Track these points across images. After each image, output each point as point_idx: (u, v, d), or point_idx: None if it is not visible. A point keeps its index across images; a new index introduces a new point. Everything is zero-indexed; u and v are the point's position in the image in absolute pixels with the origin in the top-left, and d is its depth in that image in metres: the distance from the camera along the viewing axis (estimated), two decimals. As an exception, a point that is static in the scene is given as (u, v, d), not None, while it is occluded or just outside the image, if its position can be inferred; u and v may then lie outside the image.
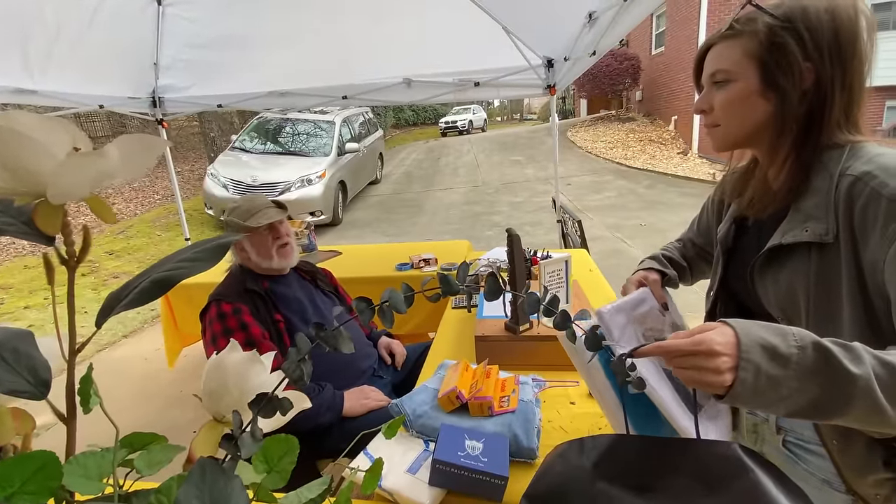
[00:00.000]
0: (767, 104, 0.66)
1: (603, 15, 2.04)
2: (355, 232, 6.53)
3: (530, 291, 0.39)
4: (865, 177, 0.60)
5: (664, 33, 11.75)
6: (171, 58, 2.82)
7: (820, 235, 0.63)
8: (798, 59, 0.62)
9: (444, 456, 0.82)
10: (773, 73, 0.63)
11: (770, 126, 0.67)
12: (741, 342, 0.50)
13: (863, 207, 0.59)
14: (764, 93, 0.65)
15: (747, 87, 0.66)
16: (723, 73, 0.67)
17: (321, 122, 7.62)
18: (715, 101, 0.69)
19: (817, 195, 0.65)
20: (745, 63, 0.65)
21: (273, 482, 0.43)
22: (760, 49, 0.64)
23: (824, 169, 0.65)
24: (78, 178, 0.35)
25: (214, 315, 1.35)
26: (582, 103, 18.88)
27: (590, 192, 7.71)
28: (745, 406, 0.54)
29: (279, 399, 0.37)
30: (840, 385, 0.49)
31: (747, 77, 0.65)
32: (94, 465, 0.44)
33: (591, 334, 0.48)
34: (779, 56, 0.62)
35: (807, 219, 0.65)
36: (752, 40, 0.64)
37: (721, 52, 0.68)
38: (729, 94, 0.67)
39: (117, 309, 0.43)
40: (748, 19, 0.65)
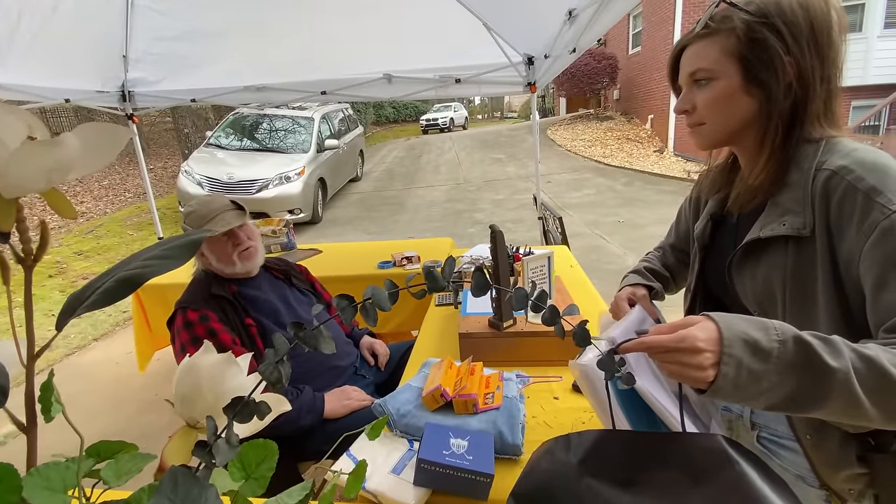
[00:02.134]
0: (752, 100, 0.66)
1: (583, 12, 2.05)
2: (336, 230, 6.45)
3: (518, 287, 0.38)
4: (842, 171, 0.60)
5: (641, 33, 11.95)
6: (141, 51, 2.72)
7: (797, 229, 0.64)
8: (779, 54, 0.62)
9: (428, 455, 0.81)
10: (756, 70, 0.63)
11: (755, 122, 0.67)
12: (724, 337, 0.51)
13: (839, 202, 0.60)
14: (747, 89, 0.65)
15: (730, 84, 0.65)
16: (704, 72, 0.67)
17: (300, 118, 7.48)
18: (697, 100, 0.69)
19: (794, 189, 0.65)
20: (726, 61, 0.65)
21: (251, 489, 0.41)
22: (740, 46, 0.63)
23: (801, 163, 0.66)
24: (32, 169, 0.32)
25: (181, 324, 1.29)
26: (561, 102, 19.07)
27: (569, 189, 7.80)
28: (724, 400, 0.54)
29: (256, 403, 0.35)
30: (819, 378, 0.50)
31: (729, 75, 0.65)
32: (58, 476, 0.41)
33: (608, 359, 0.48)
34: (759, 52, 0.63)
35: (784, 213, 0.66)
36: (730, 38, 0.64)
37: (699, 51, 0.67)
38: (712, 92, 0.66)
39: (80, 310, 0.40)
40: (723, 17, 0.64)
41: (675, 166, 8.71)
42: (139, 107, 3.10)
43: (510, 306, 1.26)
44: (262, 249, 1.48)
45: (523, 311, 1.33)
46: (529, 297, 0.38)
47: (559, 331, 0.40)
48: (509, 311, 1.27)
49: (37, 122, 0.36)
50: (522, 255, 1.98)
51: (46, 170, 0.33)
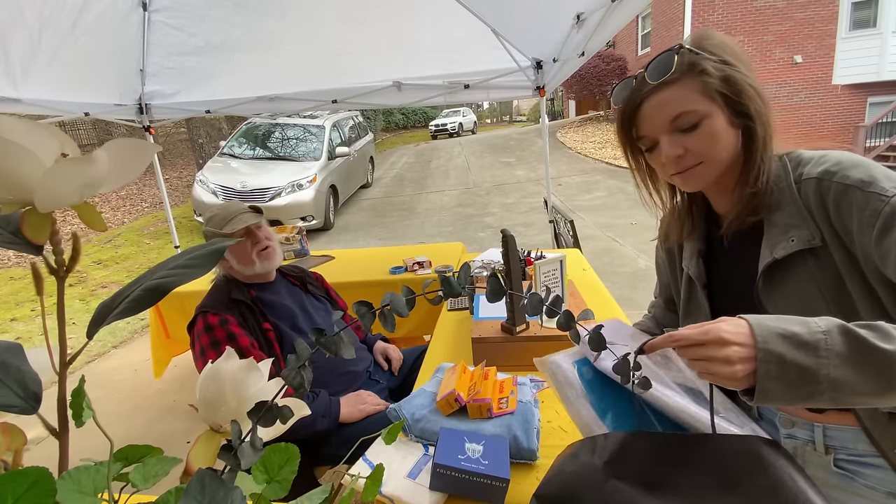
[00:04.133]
0: (736, 132, 0.70)
1: (591, 16, 2.06)
2: (347, 236, 6.50)
3: (532, 292, 0.38)
4: (826, 175, 0.63)
5: (650, 34, 11.89)
6: (158, 65, 2.79)
7: (808, 241, 0.65)
8: (747, 84, 0.67)
9: (444, 459, 0.82)
10: (734, 103, 0.68)
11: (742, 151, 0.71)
12: (756, 333, 0.49)
13: (836, 203, 0.62)
14: (731, 122, 0.69)
15: (718, 121, 0.68)
16: (690, 115, 0.68)
17: (311, 126, 7.58)
18: (688, 143, 0.70)
19: (785, 205, 0.68)
20: (707, 101, 0.68)
21: (274, 492, 0.42)
22: (713, 86, 0.67)
23: (777, 182, 0.69)
24: (67, 185, 0.34)
25: (201, 328, 1.32)
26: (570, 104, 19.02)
27: (580, 192, 7.76)
28: (778, 403, 0.51)
29: (279, 407, 0.36)
30: (880, 365, 0.48)
31: (715, 112, 0.68)
32: (89, 479, 0.42)
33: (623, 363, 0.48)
34: (732, 86, 0.67)
35: (787, 229, 0.67)
36: (702, 79, 0.67)
37: (671, 98, 0.69)
38: (705, 131, 0.69)
39: (109, 319, 0.42)
40: (689, 63, 0.68)
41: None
42: (155, 119, 3.18)
43: (523, 311, 1.27)
44: (280, 251, 1.52)
45: (538, 317, 1.33)
46: (544, 303, 0.39)
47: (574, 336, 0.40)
48: (522, 315, 1.27)
49: (67, 139, 0.38)
50: (534, 258, 1.98)
51: (80, 185, 0.34)
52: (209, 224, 1.44)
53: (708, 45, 0.69)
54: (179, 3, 2.41)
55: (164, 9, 2.43)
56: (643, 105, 0.72)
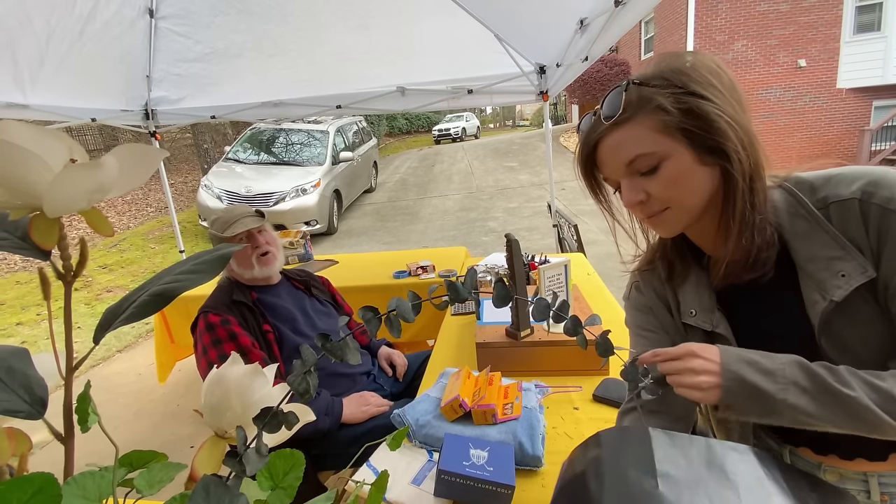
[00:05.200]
0: (709, 170, 0.60)
1: (594, 21, 2.06)
2: (351, 240, 6.51)
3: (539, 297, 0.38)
4: (865, 195, 0.56)
5: (653, 39, 11.90)
6: (164, 71, 2.82)
7: (863, 273, 0.57)
8: (717, 114, 0.57)
9: (449, 466, 0.81)
10: (702, 139, 0.58)
11: (720, 191, 0.61)
12: (721, 353, 0.55)
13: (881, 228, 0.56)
14: (701, 160, 0.59)
15: (681, 160, 0.59)
16: (647, 158, 0.60)
17: (315, 131, 7.62)
18: (650, 188, 0.62)
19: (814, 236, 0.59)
20: (665, 139, 0.59)
21: (279, 499, 0.42)
22: (672, 122, 0.58)
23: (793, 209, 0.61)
24: (75, 190, 0.34)
25: (203, 327, 1.34)
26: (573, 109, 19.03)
27: (584, 196, 7.64)
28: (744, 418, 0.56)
29: (284, 413, 0.36)
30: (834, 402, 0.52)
31: (677, 151, 0.59)
32: (93, 485, 0.42)
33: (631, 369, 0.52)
34: (696, 119, 0.58)
35: (830, 263, 0.58)
36: (657, 116, 0.58)
37: (624, 140, 0.61)
38: (666, 174, 0.60)
39: (116, 324, 0.42)
40: (639, 99, 0.59)
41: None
42: (161, 124, 3.20)
43: (528, 316, 1.26)
44: (281, 257, 1.54)
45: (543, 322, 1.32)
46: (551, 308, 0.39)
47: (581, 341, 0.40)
48: (527, 320, 1.26)
49: (76, 144, 0.38)
50: (538, 263, 1.98)
51: (88, 191, 0.35)
52: (213, 227, 1.47)
53: (670, 73, 0.59)
54: (185, 11, 2.44)
55: (171, 16, 2.45)
56: (599, 147, 0.65)
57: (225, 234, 1.41)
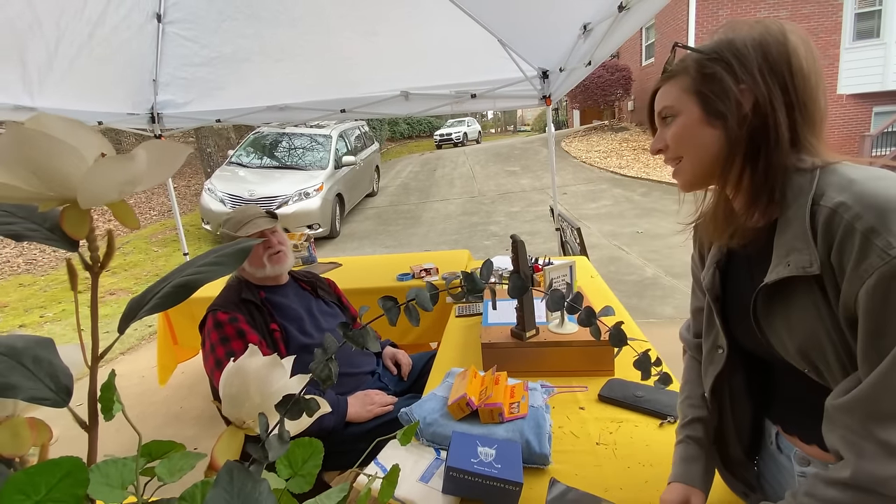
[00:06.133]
0: (714, 132, 0.66)
1: (597, 26, 2.08)
2: (353, 244, 6.53)
3: (554, 289, 0.39)
4: (840, 208, 0.56)
5: (654, 45, 11.97)
6: (170, 75, 2.85)
7: (803, 268, 0.59)
8: (730, 85, 0.63)
9: (457, 463, 0.82)
10: (712, 101, 0.65)
11: (724, 155, 0.66)
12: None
13: (840, 243, 0.56)
14: (708, 121, 0.66)
15: (690, 117, 0.68)
16: (667, 110, 0.70)
17: (318, 135, 7.67)
18: (668, 137, 0.71)
19: (795, 226, 0.62)
20: (684, 97, 0.68)
21: (298, 486, 0.42)
22: (694, 83, 0.67)
23: (798, 197, 0.62)
24: (108, 182, 0.35)
25: (211, 325, 1.36)
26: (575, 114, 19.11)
27: (586, 200, 7.77)
28: None
29: (306, 400, 0.37)
30: None
31: (689, 109, 0.68)
32: (116, 473, 0.43)
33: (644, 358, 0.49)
34: (712, 85, 0.65)
35: (788, 252, 0.61)
36: (685, 77, 0.68)
37: (662, 93, 0.72)
38: (676, 126, 0.69)
39: (140, 314, 0.43)
40: (680, 61, 0.69)
41: None
42: (167, 128, 3.23)
43: (533, 316, 1.27)
44: (291, 257, 1.56)
45: (545, 322, 1.33)
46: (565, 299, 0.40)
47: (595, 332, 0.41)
48: (532, 320, 1.27)
49: (104, 139, 0.40)
50: (542, 265, 1.99)
51: (120, 183, 0.36)
52: (225, 226, 1.49)
53: (718, 40, 0.66)
54: (193, 16, 2.46)
55: (178, 21, 2.48)
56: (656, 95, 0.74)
57: (238, 233, 1.44)
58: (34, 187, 0.34)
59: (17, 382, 0.39)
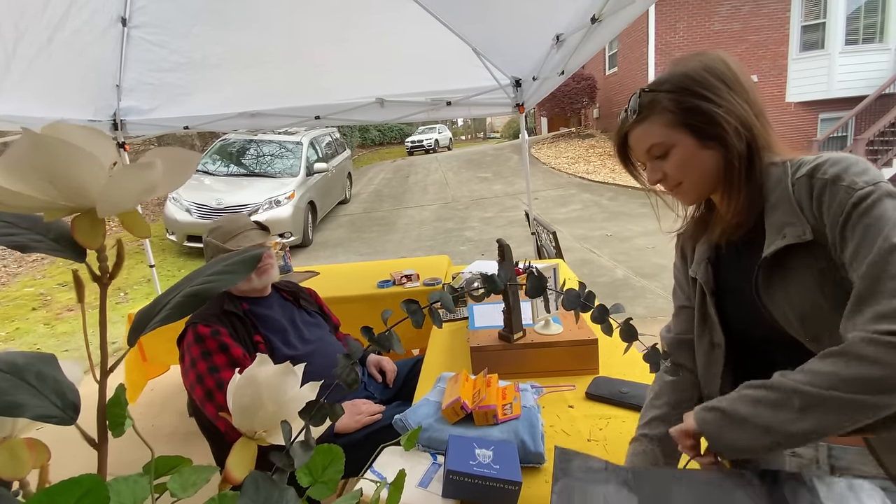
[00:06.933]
0: (711, 153, 0.74)
1: (570, 37, 2.15)
2: (327, 252, 6.43)
3: (569, 288, 0.41)
4: (814, 171, 0.68)
5: (616, 55, 12.40)
6: (135, 80, 2.74)
7: (798, 236, 0.67)
8: (713, 110, 0.71)
9: (457, 466, 0.82)
10: (702, 130, 0.72)
11: (721, 168, 0.74)
12: None
13: (818, 199, 0.66)
14: (703, 145, 0.73)
15: (687, 148, 0.74)
16: (658, 147, 0.76)
17: (287, 142, 7.53)
18: (666, 168, 0.77)
19: (782, 205, 0.70)
20: (672, 133, 0.74)
21: (320, 493, 0.42)
22: (676, 118, 0.73)
23: (777, 185, 0.72)
24: (128, 191, 0.34)
25: (192, 339, 1.30)
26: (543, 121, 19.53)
27: (556, 205, 7.93)
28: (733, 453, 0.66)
29: (331, 405, 0.37)
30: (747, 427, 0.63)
31: (683, 141, 0.74)
32: (128, 490, 0.42)
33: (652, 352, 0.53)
34: (696, 116, 0.72)
35: (782, 227, 0.69)
36: (664, 115, 0.74)
37: (643, 133, 0.76)
38: (675, 158, 0.75)
39: (150, 326, 0.42)
40: (650, 102, 0.75)
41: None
42: (131, 135, 3.10)
43: (520, 319, 1.29)
44: (276, 268, 1.53)
45: (532, 324, 1.35)
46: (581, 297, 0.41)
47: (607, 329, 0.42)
48: (519, 323, 1.29)
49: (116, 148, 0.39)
50: (522, 269, 2.02)
51: (139, 191, 0.35)
52: (212, 235, 1.45)
53: (678, 77, 0.73)
54: (161, 20, 2.39)
55: (145, 25, 2.40)
56: (628, 137, 0.80)
57: (227, 244, 1.40)
58: (49, 196, 0.33)
59: (22, 400, 0.37)
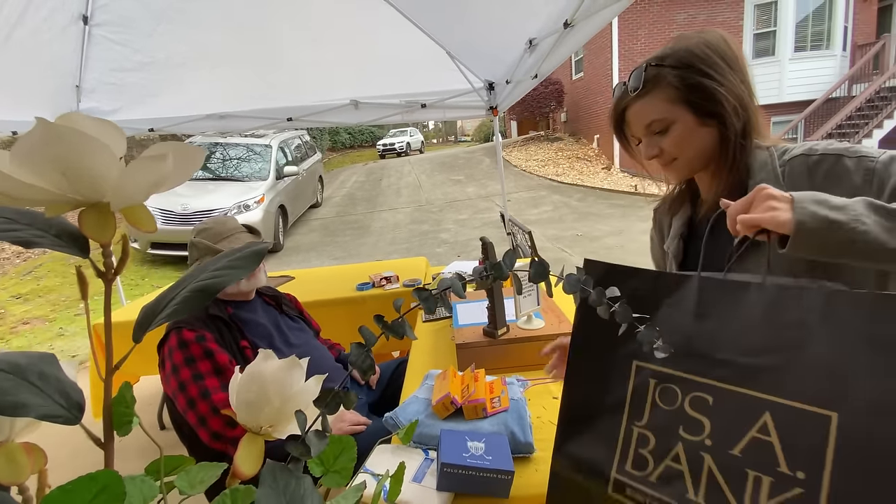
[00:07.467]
0: (709, 130, 0.76)
1: (543, 42, 2.20)
2: (299, 257, 6.33)
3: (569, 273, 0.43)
4: (811, 151, 0.71)
5: (582, 60, 12.73)
6: (96, 80, 2.63)
7: None
8: (714, 87, 0.73)
9: (450, 459, 0.83)
10: (702, 107, 0.74)
11: (718, 145, 0.77)
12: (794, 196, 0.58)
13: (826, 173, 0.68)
14: (702, 122, 0.75)
15: (686, 124, 0.75)
16: (659, 123, 0.76)
17: (256, 145, 7.37)
18: (663, 144, 0.78)
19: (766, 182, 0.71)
20: (674, 108, 0.75)
21: (334, 482, 0.43)
22: (679, 94, 0.74)
23: (763, 167, 0.75)
24: (140, 183, 0.34)
25: (175, 344, 1.26)
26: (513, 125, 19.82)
27: (528, 206, 8.07)
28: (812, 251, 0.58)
29: (346, 392, 0.38)
30: None
31: (683, 118, 0.75)
32: (136, 490, 0.41)
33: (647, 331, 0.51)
34: (698, 93, 0.73)
35: None
36: (668, 90, 0.74)
37: (644, 108, 0.77)
38: (674, 134, 0.76)
39: (155, 322, 0.42)
40: (654, 76, 0.75)
41: (623, 181, 9.24)
42: (91, 138, 2.98)
43: (504, 315, 1.32)
44: (264, 272, 1.52)
45: (515, 319, 1.38)
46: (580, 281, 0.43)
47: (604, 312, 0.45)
48: (503, 318, 1.32)
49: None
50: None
51: (151, 184, 0.35)
52: (200, 235, 1.43)
53: (681, 53, 0.74)
54: (123, 18, 2.31)
55: (107, 23, 2.31)
56: (626, 112, 0.81)
57: (218, 245, 1.38)
58: (60, 189, 0.33)
59: (26, 400, 0.37)
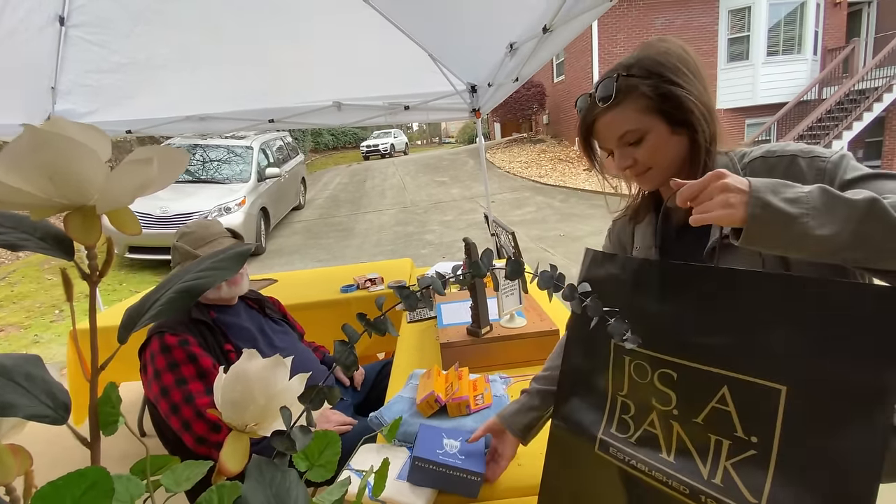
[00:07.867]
0: (681, 138, 0.77)
1: (523, 45, 2.24)
2: (282, 260, 6.26)
3: (543, 270, 0.45)
4: (769, 153, 0.73)
5: (563, 63, 12.91)
6: (72, 82, 2.57)
7: None
8: (685, 96, 0.73)
9: (422, 453, 0.85)
10: (674, 115, 0.75)
11: (689, 152, 0.78)
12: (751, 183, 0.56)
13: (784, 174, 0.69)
14: (674, 131, 0.76)
15: (660, 134, 0.75)
16: (633, 133, 0.76)
17: (237, 147, 7.27)
18: (637, 154, 0.78)
19: None
20: (647, 118, 0.75)
21: (319, 475, 0.44)
22: (652, 104, 0.74)
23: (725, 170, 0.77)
24: (128, 187, 0.35)
25: (157, 349, 1.25)
26: (496, 127, 19.97)
27: (512, 207, 8.14)
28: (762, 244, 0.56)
29: (330, 388, 0.39)
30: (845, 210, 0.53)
31: (656, 127, 0.75)
32: (123, 488, 0.42)
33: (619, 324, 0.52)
34: (670, 101, 0.74)
35: None
36: (640, 100, 0.74)
37: (616, 119, 0.77)
38: (648, 144, 0.76)
39: (140, 323, 0.43)
40: (626, 87, 0.75)
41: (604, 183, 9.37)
42: (66, 140, 2.91)
43: (486, 314, 1.34)
44: (247, 278, 1.51)
45: (498, 318, 1.40)
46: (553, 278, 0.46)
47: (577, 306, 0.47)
48: (486, 318, 1.34)
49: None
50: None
51: (136, 187, 0.36)
52: (182, 240, 1.40)
53: (649, 63, 0.75)
54: (101, 19, 2.27)
55: (84, 24, 2.26)
56: (596, 124, 0.80)
57: (200, 251, 1.36)
58: (47, 193, 0.34)
59: (13, 401, 0.37)
